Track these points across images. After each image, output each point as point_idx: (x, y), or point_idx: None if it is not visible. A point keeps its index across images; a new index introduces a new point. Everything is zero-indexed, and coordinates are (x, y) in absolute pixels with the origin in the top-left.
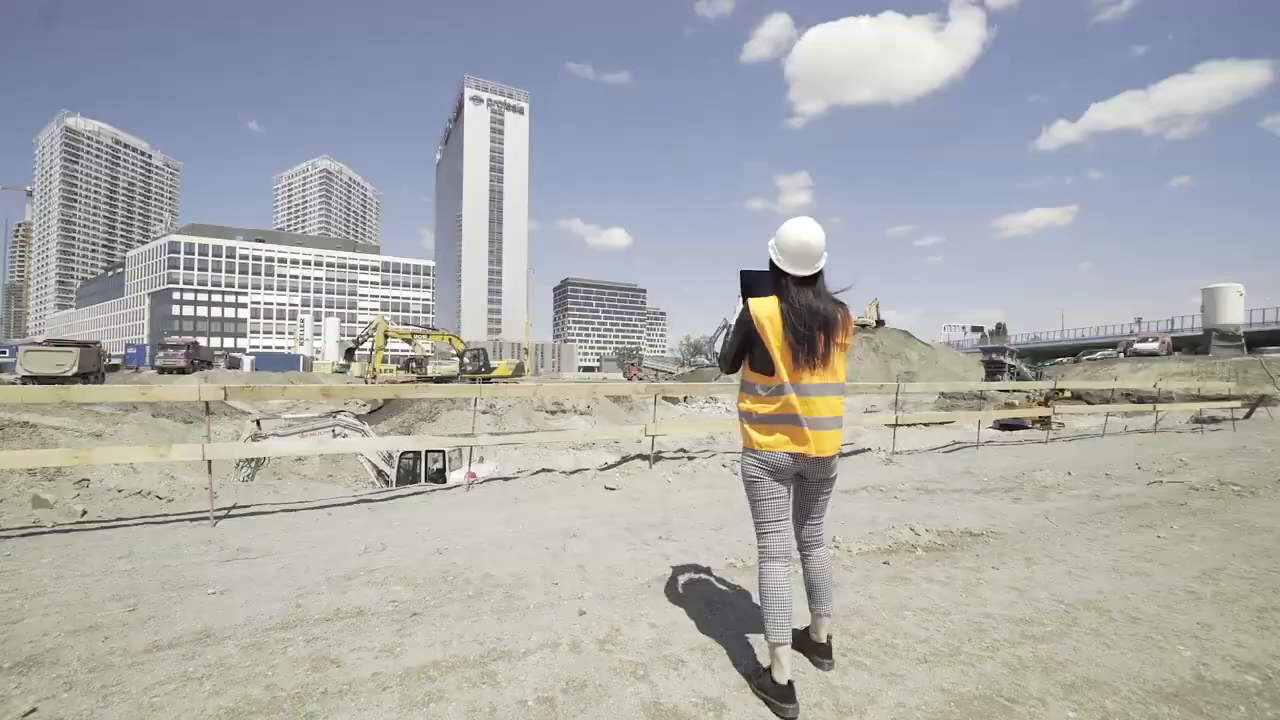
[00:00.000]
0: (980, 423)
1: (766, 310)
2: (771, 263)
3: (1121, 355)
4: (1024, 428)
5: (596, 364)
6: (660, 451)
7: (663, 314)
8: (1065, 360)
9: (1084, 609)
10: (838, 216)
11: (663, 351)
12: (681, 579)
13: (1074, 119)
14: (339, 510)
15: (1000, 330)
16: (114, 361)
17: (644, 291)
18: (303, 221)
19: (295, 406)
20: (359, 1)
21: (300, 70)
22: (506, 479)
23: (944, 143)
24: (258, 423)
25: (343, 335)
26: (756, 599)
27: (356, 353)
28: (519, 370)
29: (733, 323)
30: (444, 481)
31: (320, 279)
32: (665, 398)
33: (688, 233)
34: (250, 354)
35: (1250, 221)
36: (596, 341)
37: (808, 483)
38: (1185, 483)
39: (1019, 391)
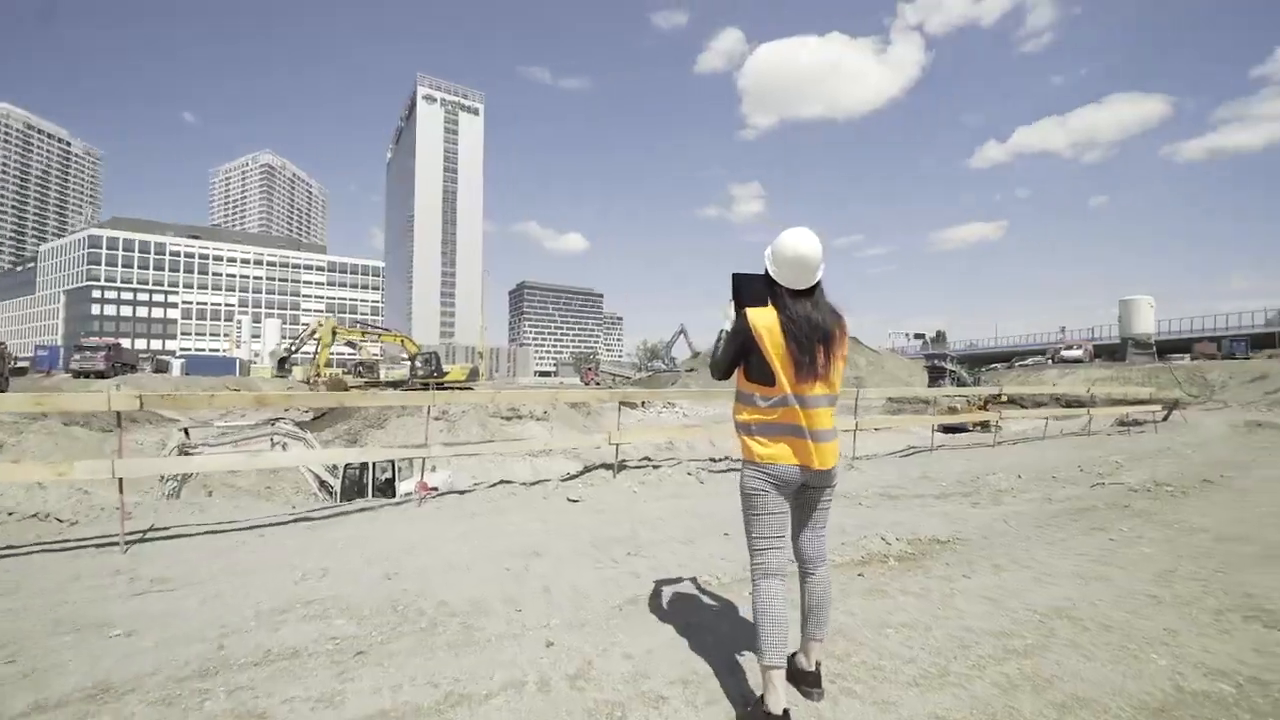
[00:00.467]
0: (934, 427)
1: (765, 321)
2: (767, 272)
3: (1050, 362)
4: (966, 431)
5: (553, 369)
6: (624, 460)
7: (620, 319)
8: (999, 366)
9: (1058, 618)
10: (788, 225)
11: (620, 356)
12: (655, 600)
13: (1002, 140)
14: (274, 530)
15: (940, 337)
16: (21, 364)
17: (601, 296)
18: (241, 218)
19: (230, 413)
20: None
21: (240, 60)
22: (462, 492)
23: (887, 158)
24: (186, 431)
25: (284, 337)
26: (737, 617)
27: (298, 355)
28: (473, 375)
29: (726, 328)
30: (393, 493)
31: (260, 278)
32: (623, 403)
33: (645, 238)
34: (180, 357)
35: (1156, 239)
36: (553, 346)
37: (811, 491)
38: (1125, 484)
39: (961, 396)
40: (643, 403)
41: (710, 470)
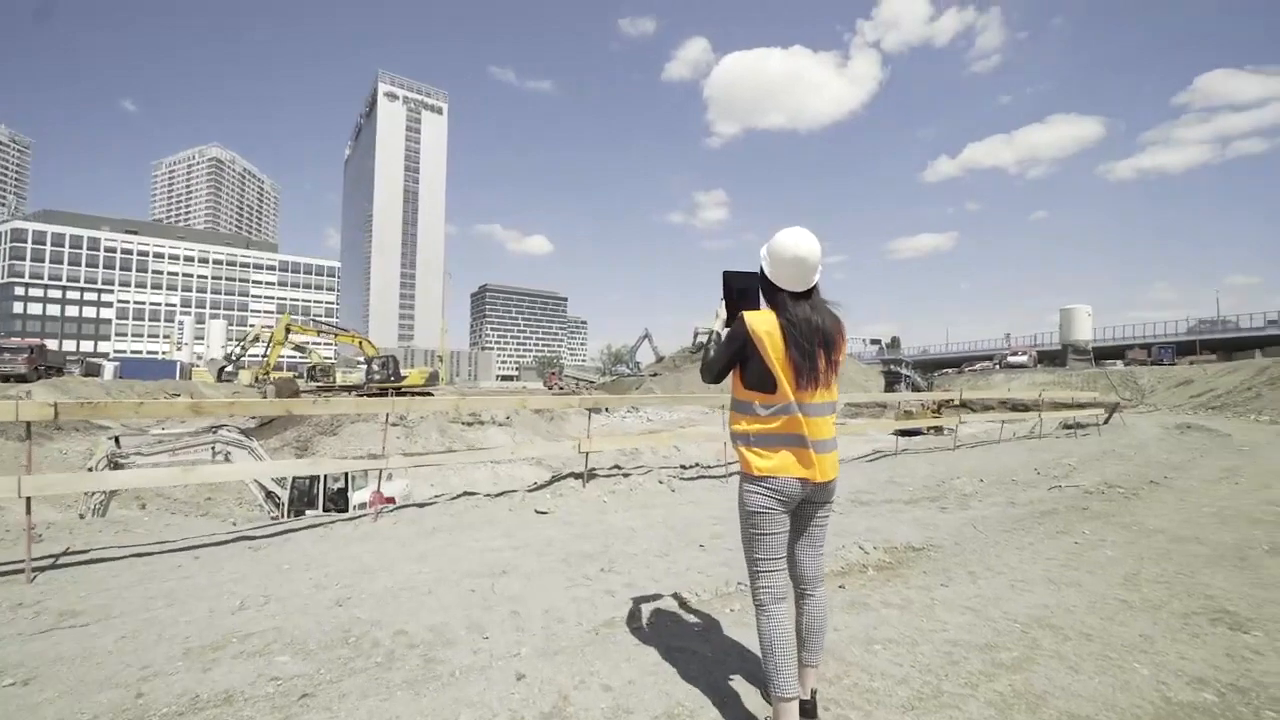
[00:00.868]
0: (898, 432)
1: (765, 325)
2: (762, 271)
3: (997, 367)
4: (921, 434)
5: (516, 373)
6: (593, 469)
7: (584, 323)
8: (950, 371)
9: (1039, 628)
10: (751, 233)
11: (583, 360)
12: (633, 622)
13: (954, 155)
14: (210, 551)
15: (895, 343)
16: None
17: (565, 300)
18: (186, 214)
19: (169, 420)
20: None
21: (187, 45)
22: (422, 505)
23: (846, 169)
24: (117, 440)
25: (230, 340)
26: (721, 638)
27: (245, 359)
28: (433, 379)
29: (717, 329)
30: (346, 505)
31: (205, 277)
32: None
33: (609, 242)
34: (114, 360)
35: (1092, 251)
36: (516, 350)
37: (811, 506)
38: (1080, 487)
39: (918, 401)
40: (604, 409)
41: (681, 478)
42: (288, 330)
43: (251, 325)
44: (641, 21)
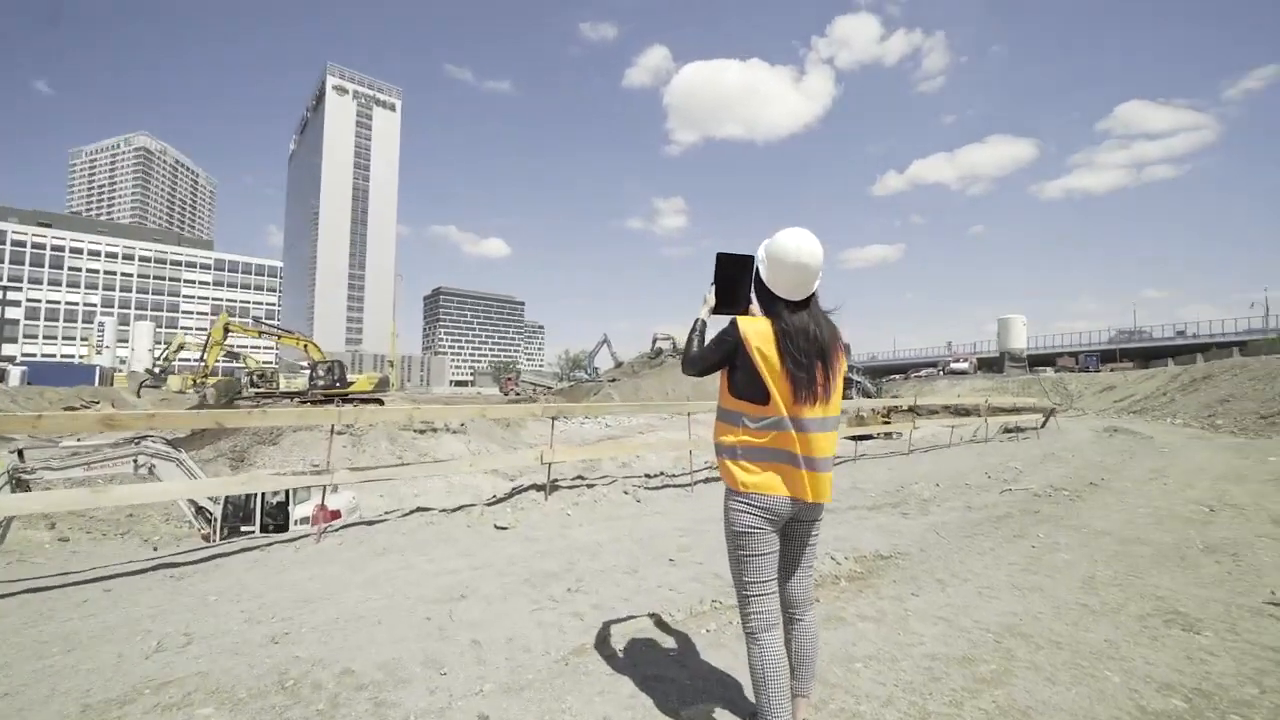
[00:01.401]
0: (851, 436)
1: (758, 333)
2: (758, 274)
3: (941, 373)
4: (872, 438)
5: (470, 378)
6: (556, 480)
7: (541, 327)
8: (897, 377)
9: (1011, 637)
10: (709, 239)
11: (541, 365)
12: (604, 648)
13: (901, 170)
14: (125, 583)
15: (846, 351)
16: None
17: (522, 304)
18: (109, 207)
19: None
20: None
21: (111, 23)
22: (370, 523)
23: (801, 181)
24: (20, 454)
25: (158, 343)
26: (698, 663)
27: (173, 365)
28: (382, 385)
29: (703, 316)
30: (286, 521)
31: (130, 275)
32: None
33: (568, 247)
34: (22, 364)
35: (1026, 264)
36: (471, 355)
37: (800, 525)
38: (1029, 490)
39: (870, 407)
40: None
41: (647, 487)
42: (226, 330)
43: (183, 329)
44: (603, 26)
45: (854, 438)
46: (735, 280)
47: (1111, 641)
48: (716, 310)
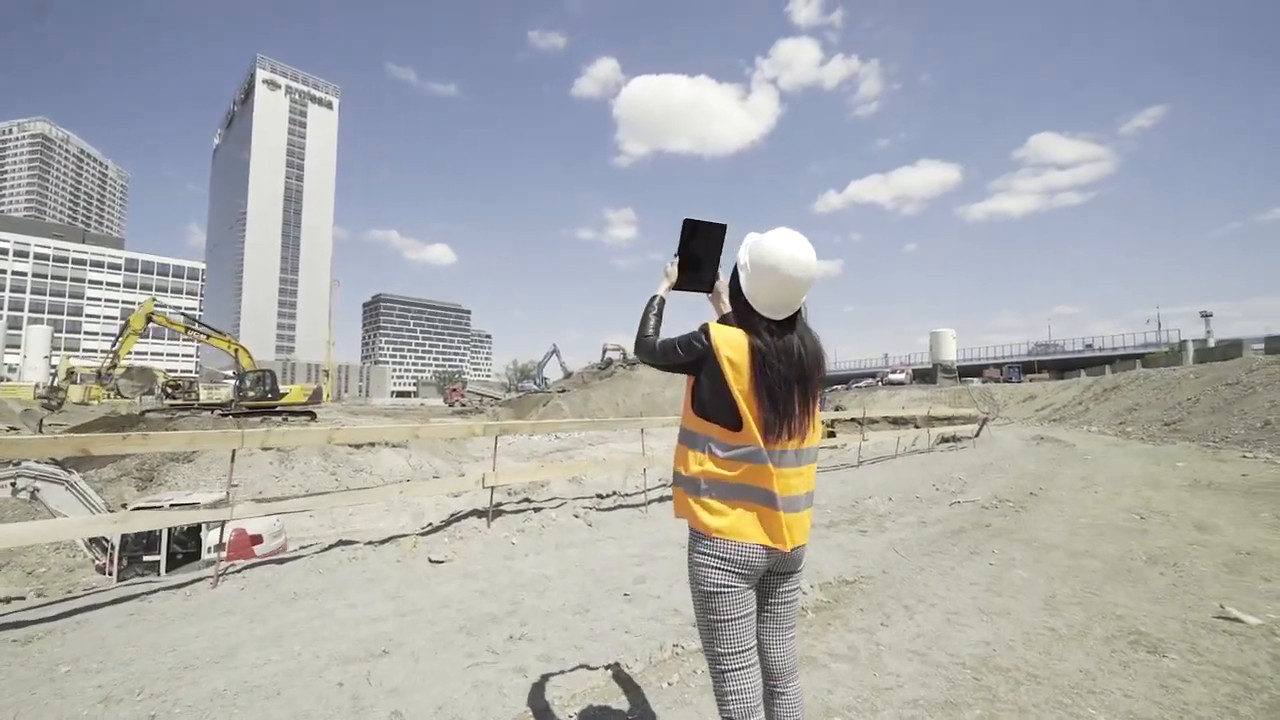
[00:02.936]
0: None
1: (732, 345)
2: (735, 282)
3: (880, 384)
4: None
5: (414, 388)
6: (500, 504)
7: (489, 337)
8: (839, 388)
9: (989, 672)
10: (658, 252)
11: (488, 375)
12: (549, 715)
13: (840, 190)
14: None
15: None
16: None
17: (469, 313)
18: (0, 199)
19: None
20: None
21: None
22: (282, 561)
23: (747, 196)
24: None
25: (58, 349)
26: None
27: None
28: (316, 397)
29: (662, 295)
30: (198, 549)
31: (24, 274)
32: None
33: (517, 255)
34: None
35: (952, 282)
36: (414, 364)
37: (775, 578)
38: (976, 502)
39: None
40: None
41: (599, 509)
42: (149, 319)
43: (92, 333)
44: (551, 35)
45: None
46: (704, 252)
47: (1086, 672)
48: (679, 286)
